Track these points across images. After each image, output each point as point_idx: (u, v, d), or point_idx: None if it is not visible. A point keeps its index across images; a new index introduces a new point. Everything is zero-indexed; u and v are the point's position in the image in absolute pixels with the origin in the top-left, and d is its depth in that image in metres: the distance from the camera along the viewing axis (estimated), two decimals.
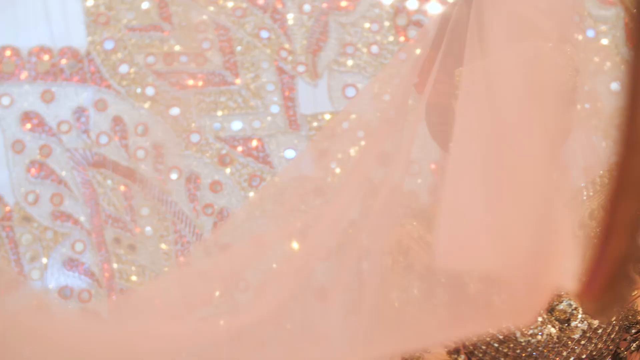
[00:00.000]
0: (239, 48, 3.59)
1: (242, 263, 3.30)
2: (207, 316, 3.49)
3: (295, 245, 3.55)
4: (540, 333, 2.03)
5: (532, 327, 2.02)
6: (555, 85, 2.01)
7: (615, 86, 3.61)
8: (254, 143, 3.59)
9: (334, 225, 3.54)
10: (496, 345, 2.01)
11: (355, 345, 2.04)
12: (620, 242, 1.12)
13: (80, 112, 3.58)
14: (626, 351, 2.23)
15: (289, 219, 3.54)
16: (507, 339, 2.01)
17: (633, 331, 2.24)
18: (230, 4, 3.58)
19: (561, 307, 2.07)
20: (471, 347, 2.01)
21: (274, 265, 3.55)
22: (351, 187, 3.55)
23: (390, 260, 2.12)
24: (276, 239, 3.54)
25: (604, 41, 3.64)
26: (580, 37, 3.53)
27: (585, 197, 2.31)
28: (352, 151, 3.56)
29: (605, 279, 1.15)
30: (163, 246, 3.57)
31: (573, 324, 2.07)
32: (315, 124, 3.59)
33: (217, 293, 3.55)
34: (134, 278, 3.57)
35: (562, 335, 2.05)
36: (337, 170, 3.55)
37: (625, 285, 1.14)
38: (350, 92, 3.58)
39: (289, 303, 3.53)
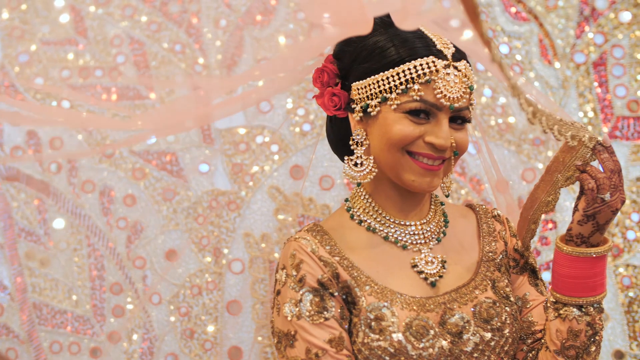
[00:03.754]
0: (153, 62, 3.59)
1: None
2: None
3: (209, 259, 3.57)
4: (431, 347, 2.06)
5: (423, 340, 2.05)
6: None
7: None
8: (168, 157, 3.60)
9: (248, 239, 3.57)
10: (387, 358, 2.03)
11: None
12: None
13: None
14: None
15: (203, 233, 3.56)
16: (399, 352, 2.03)
17: (529, 341, 2.28)
18: (144, 19, 3.59)
19: (453, 320, 2.10)
20: None
21: (187, 279, 3.57)
22: (265, 201, 3.58)
23: (284, 274, 2.13)
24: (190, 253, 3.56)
25: (518, 57, 3.70)
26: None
27: None
28: (267, 166, 3.59)
29: None
30: (76, 259, 3.56)
31: (465, 336, 2.10)
32: (229, 138, 3.60)
33: (130, 307, 3.56)
34: (47, 292, 3.56)
35: (454, 348, 2.08)
36: (251, 184, 3.58)
37: None
38: (265, 106, 3.60)
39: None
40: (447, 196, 2.28)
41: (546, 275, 3.53)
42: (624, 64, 3.66)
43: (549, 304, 2.22)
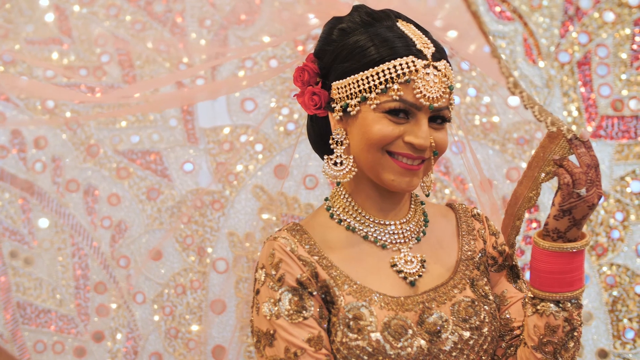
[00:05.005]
0: (138, 62, 3.59)
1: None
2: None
3: (193, 258, 3.57)
4: (410, 346, 2.06)
5: (402, 339, 2.06)
6: None
7: (512, 101, 3.68)
8: (152, 156, 3.60)
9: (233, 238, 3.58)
10: (365, 358, 2.04)
11: None
12: None
13: None
14: (503, 357, 2.28)
15: (187, 232, 3.56)
16: (377, 352, 2.03)
17: (507, 338, 2.29)
18: (129, 18, 3.59)
19: (431, 319, 2.11)
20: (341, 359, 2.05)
21: (171, 278, 3.57)
22: (249, 200, 3.59)
23: (263, 274, 2.14)
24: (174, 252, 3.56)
25: (502, 56, 3.70)
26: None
27: None
28: (251, 165, 3.59)
29: None
30: (60, 259, 3.56)
31: (443, 335, 2.11)
32: (213, 137, 3.61)
33: (114, 306, 3.56)
34: (31, 291, 3.56)
35: (433, 347, 2.09)
36: (235, 183, 3.58)
37: None
38: (249, 105, 3.60)
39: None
40: (427, 195, 2.29)
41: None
42: (608, 64, 3.67)
43: (527, 300, 2.22)
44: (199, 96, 3.15)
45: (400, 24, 2.19)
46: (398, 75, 2.10)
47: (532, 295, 2.20)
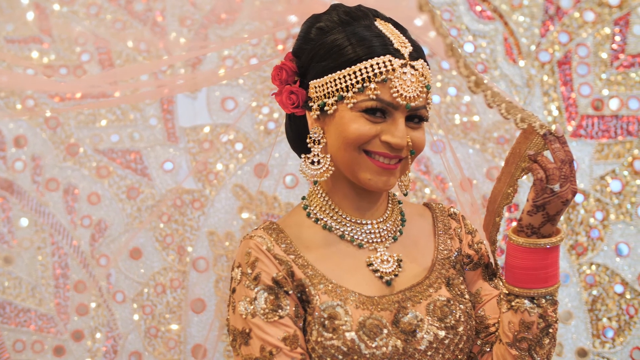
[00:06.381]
0: (118, 61, 3.59)
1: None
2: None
3: (172, 257, 3.57)
4: (385, 346, 2.07)
5: (377, 339, 2.06)
6: None
7: None
8: (132, 155, 3.59)
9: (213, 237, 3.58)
10: (340, 357, 2.04)
11: None
12: None
13: None
14: (478, 354, 2.28)
15: (167, 231, 3.55)
16: (352, 351, 2.03)
17: (483, 335, 2.29)
18: (109, 17, 3.59)
19: (406, 319, 2.11)
20: (316, 359, 2.05)
21: (151, 277, 3.57)
22: (229, 199, 3.59)
23: (240, 272, 2.14)
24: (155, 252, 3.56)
25: (483, 55, 3.71)
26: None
27: None
28: (231, 164, 3.59)
29: None
30: (40, 258, 3.55)
31: (419, 335, 2.11)
32: (194, 136, 3.60)
33: (94, 305, 3.55)
34: (10, 290, 3.55)
35: (408, 346, 2.08)
36: (215, 182, 3.58)
37: None
38: (230, 104, 3.60)
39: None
40: (405, 195, 2.29)
41: None
42: (589, 63, 3.68)
43: (502, 296, 2.22)
44: (178, 89, 3.15)
45: (379, 23, 2.19)
46: (375, 75, 2.10)
47: (507, 292, 2.20)
